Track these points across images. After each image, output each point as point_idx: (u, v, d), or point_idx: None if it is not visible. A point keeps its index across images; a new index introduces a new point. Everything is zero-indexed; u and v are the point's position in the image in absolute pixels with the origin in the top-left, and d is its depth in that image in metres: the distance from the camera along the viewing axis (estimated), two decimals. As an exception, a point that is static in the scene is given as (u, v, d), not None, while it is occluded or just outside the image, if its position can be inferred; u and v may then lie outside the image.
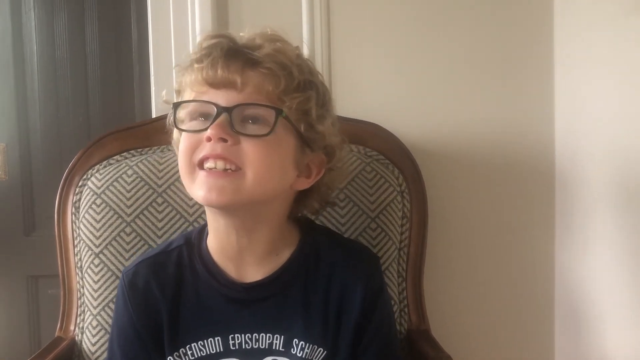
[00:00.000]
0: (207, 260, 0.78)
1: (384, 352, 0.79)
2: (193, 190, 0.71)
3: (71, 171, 1.03)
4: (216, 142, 0.68)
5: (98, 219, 0.97)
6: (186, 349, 0.77)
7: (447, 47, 1.18)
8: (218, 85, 0.70)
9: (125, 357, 0.78)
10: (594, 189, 1.10)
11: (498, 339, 1.23)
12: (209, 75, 0.69)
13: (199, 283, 0.78)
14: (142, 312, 0.77)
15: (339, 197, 0.99)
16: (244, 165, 0.68)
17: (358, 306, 0.77)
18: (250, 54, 0.70)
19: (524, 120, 1.20)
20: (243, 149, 0.68)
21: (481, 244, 1.21)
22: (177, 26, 1.16)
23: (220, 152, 0.68)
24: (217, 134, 0.67)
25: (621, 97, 1.01)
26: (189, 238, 0.82)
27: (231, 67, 0.69)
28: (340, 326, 0.77)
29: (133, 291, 0.78)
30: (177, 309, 0.77)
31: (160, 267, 0.79)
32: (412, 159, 1.07)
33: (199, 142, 0.69)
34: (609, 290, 1.07)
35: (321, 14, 1.16)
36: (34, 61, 1.36)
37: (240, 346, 0.76)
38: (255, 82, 0.69)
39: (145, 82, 1.29)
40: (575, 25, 1.14)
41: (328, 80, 1.16)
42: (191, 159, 0.70)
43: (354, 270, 0.79)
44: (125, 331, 0.78)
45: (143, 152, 1.03)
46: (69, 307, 1.00)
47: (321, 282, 0.78)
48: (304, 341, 0.76)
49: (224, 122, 0.68)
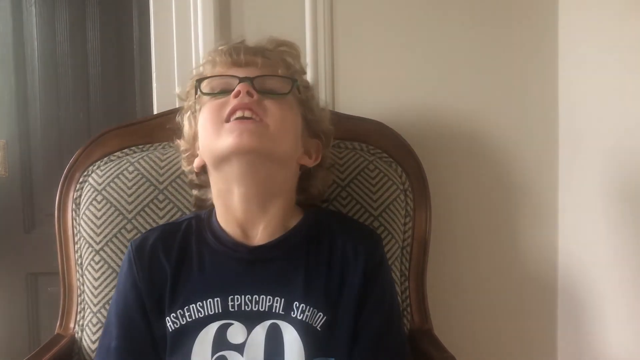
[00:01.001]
0: (215, 227, 0.82)
1: (385, 330, 0.79)
2: (221, 140, 0.75)
3: (72, 168, 1.02)
4: (244, 95, 0.75)
5: (99, 216, 0.97)
6: (184, 310, 0.78)
7: (451, 45, 1.18)
8: (240, 63, 0.80)
9: (121, 324, 0.79)
10: (597, 187, 1.09)
11: (501, 338, 1.22)
12: (233, 57, 0.80)
13: (204, 247, 0.81)
14: (147, 274, 0.80)
15: (341, 195, 0.98)
16: (266, 118, 0.76)
17: (359, 278, 0.79)
18: (265, 48, 0.83)
19: (528, 118, 1.19)
20: (265, 105, 0.77)
21: (484, 242, 1.21)
22: (179, 22, 1.16)
23: (248, 102, 0.75)
24: (245, 88, 0.76)
25: (625, 95, 1.01)
26: (199, 214, 0.87)
27: (251, 52, 0.81)
28: (341, 295, 0.79)
29: (139, 254, 0.81)
30: (179, 272, 0.80)
31: (169, 234, 0.83)
32: (415, 157, 1.06)
33: (224, 102, 0.77)
34: (612, 288, 1.06)
35: (324, 12, 1.15)
36: (35, 57, 1.36)
37: (239, 308, 0.77)
38: (271, 64, 0.81)
39: (147, 78, 1.28)
40: (580, 24, 1.13)
41: (331, 78, 1.16)
42: (219, 115, 0.76)
43: (355, 241, 0.81)
44: (127, 297, 0.80)
45: (144, 149, 1.03)
46: (69, 304, 1.00)
47: (324, 249, 0.81)
48: (305, 304, 0.77)
49: (246, 83, 0.77)
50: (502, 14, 1.18)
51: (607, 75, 1.05)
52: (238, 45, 0.82)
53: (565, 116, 1.18)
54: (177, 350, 0.76)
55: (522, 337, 1.22)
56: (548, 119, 1.20)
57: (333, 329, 0.77)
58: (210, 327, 0.77)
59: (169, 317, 0.78)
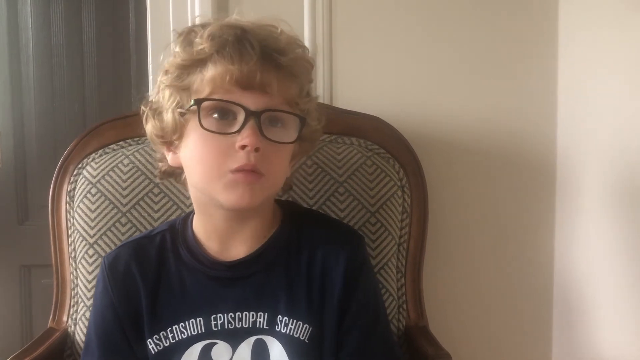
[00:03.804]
0: (191, 243, 0.79)
1: (370, 333, 0.78)
2: (222, 194, 0.71)
3: (66, 160, 1.01)
4: (251, 152, 0.68)
5: (93, 209, 0.96)
6: (167, 332, 0.76)
7: (450, 41, 1.17)
8: (246, 87, 0.69)
9: (102, 344, 0.77)
10: (595, 187, 1.09)
11: (497, 335, 1.22)
12: (242, 77, 0.69)
13: (181, 265, 0.78)
14: (122, 295, 0.77)
15: (338, 190, 0.97)
16: (264, 169, 0.70)
17: (340, 281, 0.77)
18: (278, 59, 0.71)
19: (527, 116, 1.19)
20: (267, 156, 0.70)
21: (481, 240, 1.21)
22: (175, 13, 1.14)
23: (255, 163, 0.69)
24: (255, 143, 0.68)
25: (624, 94, 1.01)
26: (173, 225, 0.82)
27: (264, 73, 0.69)
28: (324, 304, 0.77)
29: (113, 274, 0.78)
30: (157, 292, 0.77)
31: (142, 251, 0.79)
32: (413, 153, 1.06)
33: (228, 147, 0.69)
34: (608, 288, 1.06)
35: (323, 5, 1.14)
36: (30, 48, 1.34)
37: (222, 326, 0.76)
38: (280, 86, 0.71)
39: (143, 70, 1.27)
40: (580, 21, 1.13)
41: (329, 72, 1.16)
42: (223, 165, 0.69)
43: (335, 246, 0.79)
44: (104, 316, 0.78)
45: (140, 142, 1.02)
46: (62, 298, 0.99)
47: (304, 258, 0.78)
48: (288, 317, 0.76)
49: (254, 127, 0.69)
50: (502, 12, 1.17)
51: (607, 74, 1.05)
52: (248, 60, 0.69)
53: (564, 114, 1.18)
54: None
55: (517, 334, 1.23)
56: (547, 116, 1.19)
57: (320, 338, 0.76)
58: (194, 348, 0.75)
59: (151, 339, 0.76)
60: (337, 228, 0.85)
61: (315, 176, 0.98)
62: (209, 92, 0.70)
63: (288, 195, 0.96)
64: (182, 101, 0.72)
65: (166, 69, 0.74)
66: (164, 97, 0.74)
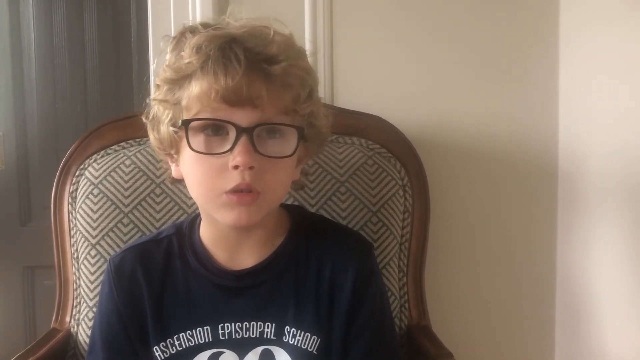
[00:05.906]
0: (198, 249, 0.78)
1: (376, 342, 0.77)
2: (219, 213, 0.70)
3: (68, 161, 1.01)
4: (244, 171, 0.66)
5: (95, 210, 0.96)
6: (173, 340, 0.76)
7: (452, 41, 1.17)
8: (235, 103, 0.66)
9: (107, 346, 0.77)
10: (597, 187, 1.08)
11: (499, 335, 1.22)
12: (228, 93, 0.65)
13: (189, 272, 0.77)
14: (127, 299, 0.77)
15: (339, 190, 0.97)
16: (261, 187, 0.68)
17: (348, 292, 0.76)
18: (267, 69, 0.66)
19: (528, 116, 1.19)
20: (264, 172, 0.68)
21: (483, 239, 1.20)
22: (177, 15, 1.14)
23: (249, 182, 0.67)
24: (247, 162, 0.66)
25: (626, 95, 1.00)
26: (180, 228, 0.81)
27: (251, 86, 0.65)
28: (332, 313, 0.76)
29: (119, 278, 0.77)
30: (163, 298, 0.77)
31: (148, 255, 0.79)
32: (414, 152, 1.06)
33: (221, 166, 0.67)
34: (610, 288, 1.06)
35: (324, 5, 1.14)
36: (32, 49, 1.35)
37: (230, 336, 0.75)
38: (272, 97, 0.67)
39: (144, 71, 1.28)
40: (581, 22, 1.12)
41: (330, 72, 1.15)
42: (218, 186, 0.68)
43: (343, 256, 0.78)
44: (110, 320, 0.77)
45: (142, 142, 1.02)
46: (65, 298, 0.99)
47: (312, 268, 0.77)
48: (296, 328, 0.75)
49: (247, 145, 0.66)
50: (502, 12, 1.17)
51: (608, 73, 1.04)
52: (232, 74, 0.65)
53: (566, 114, 1.17)
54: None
55: (519, 333, 1.22)
56: (548, 116, 1.19)
57: (328, 349, 0.76)
58: (201, 356, 0.75)
59: (158, 346, 0.75)
60: (346, 237, 0.83)
61: (316, 176, 0.98)
62: (197, 110, 0.67)
63: (291, 197, 0.96)
64: (175, 117, 0.70)
65: (157, 83, 0.73)
66: (159, 111, 0.73)
